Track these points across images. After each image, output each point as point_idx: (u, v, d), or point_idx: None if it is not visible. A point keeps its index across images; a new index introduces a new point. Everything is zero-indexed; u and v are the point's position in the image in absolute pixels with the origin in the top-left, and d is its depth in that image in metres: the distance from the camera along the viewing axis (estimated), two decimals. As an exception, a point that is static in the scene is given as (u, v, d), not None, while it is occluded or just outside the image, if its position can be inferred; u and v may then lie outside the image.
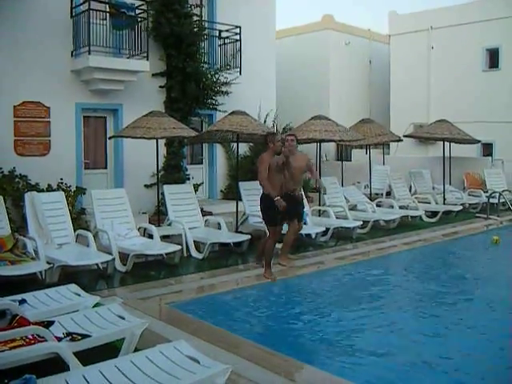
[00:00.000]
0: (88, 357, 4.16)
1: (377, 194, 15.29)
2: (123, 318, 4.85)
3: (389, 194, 15.45)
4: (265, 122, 15.57)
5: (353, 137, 12.21)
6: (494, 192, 15.10)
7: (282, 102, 18.46)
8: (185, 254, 9.15)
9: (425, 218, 13.55)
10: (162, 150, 13.39)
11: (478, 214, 14.95)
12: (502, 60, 21.93)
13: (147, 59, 12.57)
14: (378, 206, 13.23)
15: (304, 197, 10.02)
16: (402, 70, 24.03)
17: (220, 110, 14.27)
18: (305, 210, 9.97)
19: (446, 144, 15.52)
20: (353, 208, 12.82)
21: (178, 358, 3.93)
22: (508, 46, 21.59)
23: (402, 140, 16.11)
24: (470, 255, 10.96)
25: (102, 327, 4.64)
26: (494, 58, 22.31)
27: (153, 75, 13.63)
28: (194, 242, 9.44)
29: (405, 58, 24.01)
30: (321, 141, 12.28)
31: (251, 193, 10.73)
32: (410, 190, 15.57)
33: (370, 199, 14.03)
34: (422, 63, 23.78)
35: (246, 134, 10.45)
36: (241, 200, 10.84)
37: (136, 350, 4.49)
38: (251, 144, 15.14)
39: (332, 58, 23.08)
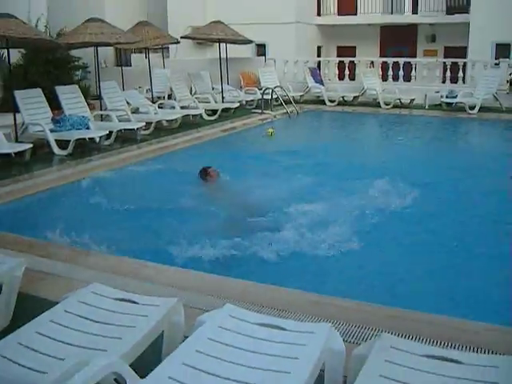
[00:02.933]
0: None
1: (159, 98, 15.56)
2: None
3: (170, 96, 15.85)
4: (36, 26, 14.72)
5: (130, 39, 12.25)
6: (268, 89, 16.31)
7: (54, 5, 17.48)
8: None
9: (205, 117, 14.27)
10: None
11: (253, 110, 16.15)
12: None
13: None
14: (159, 107, 13.54)
15: None
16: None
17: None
18: (86, 115, 10.02)
19: (222, 45, 16.19)
20: (135, 111, 12.97)
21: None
22: None
23: (179, 42, 16.43)
24: (246, 145, 12.04)
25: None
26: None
27: None
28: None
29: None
30: (97, 44, 12.10)
31: (29, 101, 10.41)
32: (191, 92, 16.11)
33: (152, 102, 14.30)
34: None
35: (17, 38, 9.92)
36: (18, 111, 10.43)
37: None
38: (23, 51, 14.33)
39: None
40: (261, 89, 16.93)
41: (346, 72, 19.62)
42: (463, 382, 2.43)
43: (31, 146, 9.44)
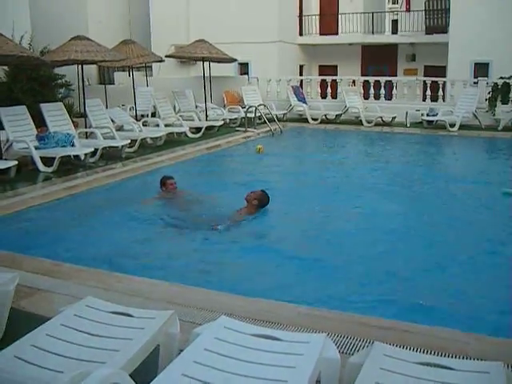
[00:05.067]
0: None
1: (142, 116, 15.59)
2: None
3: (154, 114, 15.91)
4: (20, 43, 14.71)
5: (115, 57, 12.29)
6: (251, 107, 16.44)
7: (37, 23, 17.48)
8: None
9: (190, 135, 14.34)
10: None
11: (237, 128, 16.25)
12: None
13: None
14: (144, 125, 13.57)
15: None
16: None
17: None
18: (70, 132, 10.01)
19: (206, 64, 16.33)
20: (120, 129, 13.00)
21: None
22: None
23: (163, 60, 16.56)
24: (230, 163, 12.14)
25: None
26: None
27: None
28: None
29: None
30: (82, 62, 12.13)
31: (13, 118, 10.40)
32: (175, 109, 16.18)
33: (136, 120, 14.33)
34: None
35: (1, 55, 9.92)
36: (2, 128, 10.40)
37: None
38: (6, 68, 14.30)
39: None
40: (244, 107, 17.07)
41: (329, 90, 19.86)
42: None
43: (16, 163, 9.39)
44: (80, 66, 12.44)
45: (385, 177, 10.60)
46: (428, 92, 18.39)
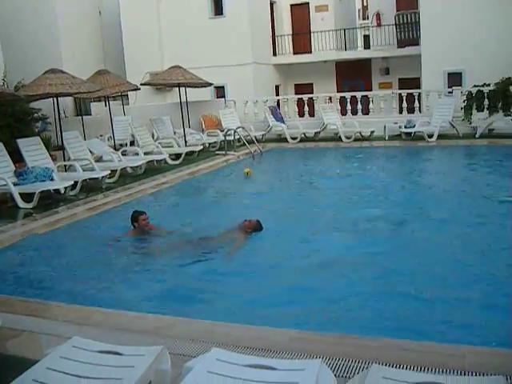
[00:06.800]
0: None
1: (121, 145, 15.48)
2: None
3: (132, 143, 15.82)
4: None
5: (90, 88, 12.24)
6: (230, 130, 16.43)
7: (10, 58, 17.40)
8: None
9: (170, 161, 14.24)
10: None
11: (217, 152, 16.21)
12: (225, 7, 23.34)
13: None
14: (123, 154, 13.49)
15: None
16: (133, 21, 24.02)
17: None
18: (49, 166, 9.90)
19: (182, 89, 16.33)
20: (99, 160, 12.90)
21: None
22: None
23: (139, 89, 16.55)
24: (213, 188, 12.09)
25: None
26: (218, 6, 23.59)
27: None
28: None
29: (135, 8, 24.02)
30: (57, 95, 12.04)
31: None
32: (153, 137, 16.12)
33: (115, 149, 14.24)
34: (151, 14, 24.11)
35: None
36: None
37: None
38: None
39: (59, 10, 22.11)
40: (223, 130, 17.06)
41: (306, 109, 19.95)
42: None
43: (-5, 201, 9.28)
44: (55, 98, 12.37)
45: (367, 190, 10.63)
46: (404, 104, 18.53)
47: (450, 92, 18.20)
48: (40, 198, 9.73)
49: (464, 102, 17.12)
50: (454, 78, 19.92)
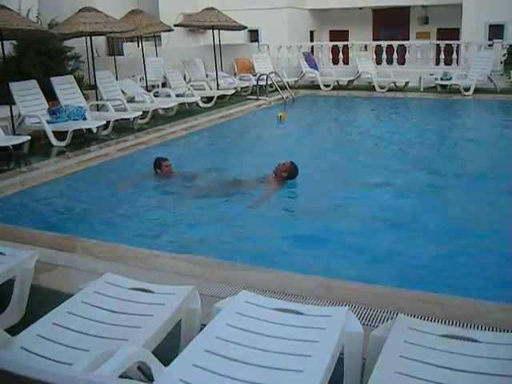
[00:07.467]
0: None
1: (153, 86, 15.48)
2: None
3: (164, 84, 15.77)
4: (27, 17, 14.58)
5: (124, 28, 12.17)
6: (262, 75, 16.25)
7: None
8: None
9: (201, 104, 14.22)
10: None
11: (249, 96, 16.10)
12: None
13: None
14: (155, 96, 13.46)
15: None
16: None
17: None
18: (82, 105, 9.95)
19: (216, 32, 16.10)
20: (131, 100, 12.91)
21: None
22: None
23: (173, 29, 16.36)
24: (245, 133, 12.07)
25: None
26: None
27: None
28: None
29: None
30: (91, 34, 11.99)
31: (24, 93, 10.35)
32: (185, 79, 16.03)
33: (147, 90, 14.23)
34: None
35: (10, 29, 9.84)
36: (14, 103, 10.36)
37: None
38: (15, 42, 14.20)
39: None
40: (255, 75, 16.88)
41: (340, 56, 19.57)
42: (480, 360, 2.46)
43: (29, 138, 9.36)
44: (89, 37, 12.32)
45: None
46: (442, 56, 18.05)
47: (490, 45, 17.63)
48: (72, 137, 9.85)
49: (504, 55, 16.59)
50: (495, 31, 19.29)
